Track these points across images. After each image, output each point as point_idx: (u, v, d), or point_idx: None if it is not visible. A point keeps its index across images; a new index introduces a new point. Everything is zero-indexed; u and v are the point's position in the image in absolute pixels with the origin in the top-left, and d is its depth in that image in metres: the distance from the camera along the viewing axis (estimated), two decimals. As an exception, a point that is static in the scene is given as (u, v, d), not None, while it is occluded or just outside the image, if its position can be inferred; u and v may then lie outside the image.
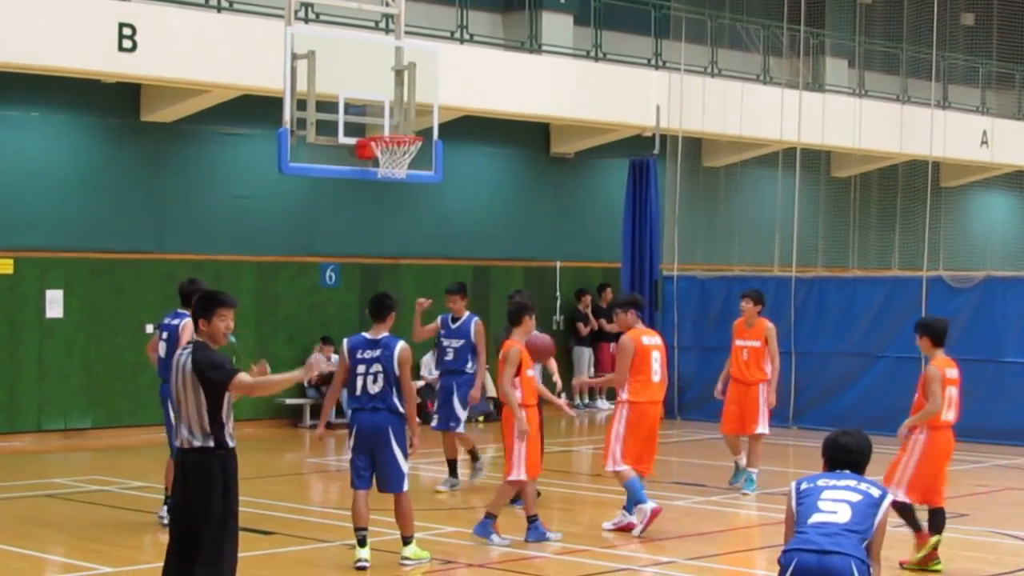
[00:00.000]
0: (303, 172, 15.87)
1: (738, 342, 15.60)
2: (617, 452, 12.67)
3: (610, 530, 12.80)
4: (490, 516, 12.14)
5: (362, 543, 11.06)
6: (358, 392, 11.08)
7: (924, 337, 11.81)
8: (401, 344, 11.10)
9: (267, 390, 8.27)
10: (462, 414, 14.73)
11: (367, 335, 11.21)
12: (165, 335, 12.48)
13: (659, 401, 12.97)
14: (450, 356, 14.89)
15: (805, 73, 25.35)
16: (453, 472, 15.02)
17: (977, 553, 12.22)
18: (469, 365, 14.80)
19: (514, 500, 13.10)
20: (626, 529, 12.69)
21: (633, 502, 12.67)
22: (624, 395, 12.75)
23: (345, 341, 11.34)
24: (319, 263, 21.62)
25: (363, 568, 11.00)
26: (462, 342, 14.79)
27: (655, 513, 12.51)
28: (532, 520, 12.17)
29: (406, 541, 11.25)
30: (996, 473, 17.38)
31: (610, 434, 12.80)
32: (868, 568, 6.77)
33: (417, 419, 11.14)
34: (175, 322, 12.41)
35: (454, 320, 14.88)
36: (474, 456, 15.28)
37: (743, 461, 15.42)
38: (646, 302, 13.80)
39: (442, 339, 15.00)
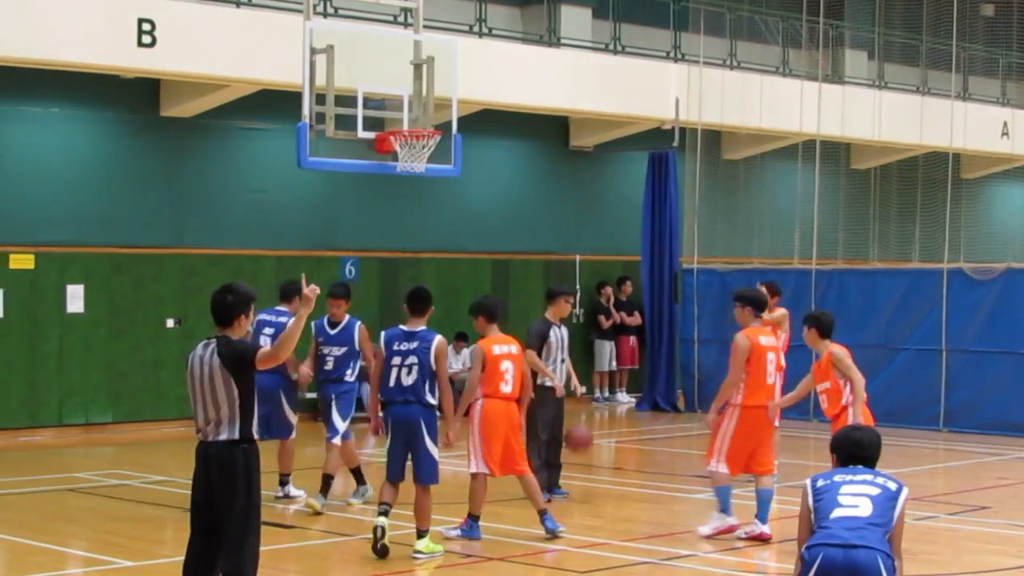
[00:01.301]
0: (322, 166, 15.90)
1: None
2: (722, 454, 12.09)
3: (708, 536, 12.21)
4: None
5: (383, 514, 11.09)
6: (392, 384, 11.15)
7: (812, 329, 11.99)
8: (438, 338, 11.18)
9: (288, 345, 8.15)
10: (341, 426, 13.43)
11: (404, 327, 11.28)
12: (272, 331, 13.20)
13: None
14: (329, 365, 13.47)
15: (824, 65, 25.28)
16: (360, 480, 13.99)
17: (999, 546, 12.17)
18: (349, 373, 13.57)
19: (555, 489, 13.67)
20: (759, 539, 12.11)
21: (719, 508, 12.30)
22: (737, 398, 12.01)
23: (383, 333, 11.38)
24: (338, 257, 21.63)
25: (379, 527, 11.01)
26: (344, 349, 13.43)
27: (730, 528, 12.19)
28: (543, 513, 12.12)
29: (420, 535, 11.27)
30: (1018, 466, 17.28)
31: (717, 432, 12.16)
32: (893, 561, 6.76)
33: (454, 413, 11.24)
34: (283, 320, 13.29)
35: (332, 325, 13.56)
36: (327, 481, 13.68)
37: None
38: (766, 299, 13.20)
39: (320, 347, 13.52)
